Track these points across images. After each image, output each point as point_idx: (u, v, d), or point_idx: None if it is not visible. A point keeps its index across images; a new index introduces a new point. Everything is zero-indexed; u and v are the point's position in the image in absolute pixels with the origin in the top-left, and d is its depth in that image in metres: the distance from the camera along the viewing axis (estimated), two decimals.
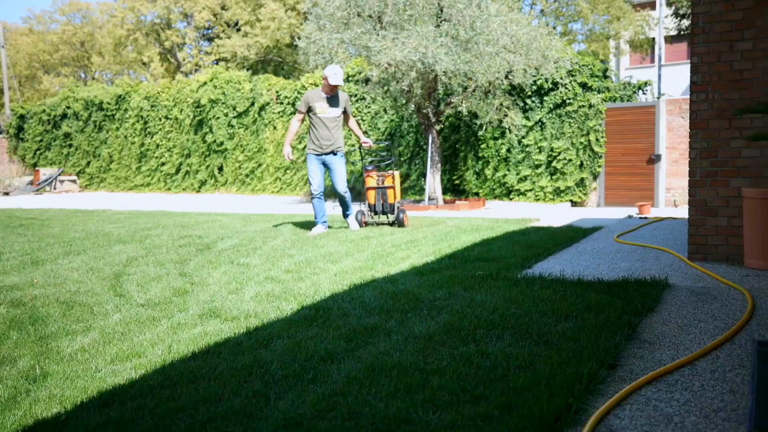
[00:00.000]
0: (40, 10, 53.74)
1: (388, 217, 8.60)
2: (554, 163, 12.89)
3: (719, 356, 2.96)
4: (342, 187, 7.68)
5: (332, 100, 7.56)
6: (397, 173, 8.31)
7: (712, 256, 5.41)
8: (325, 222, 7.67)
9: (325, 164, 7.63)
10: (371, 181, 8.33)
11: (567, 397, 2.40)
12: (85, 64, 40.97)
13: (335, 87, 7.49)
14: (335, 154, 7.58)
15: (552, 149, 12.97)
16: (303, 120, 7.69)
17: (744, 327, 3.40)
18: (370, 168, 8.29)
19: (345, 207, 7.89)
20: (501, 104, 12.26)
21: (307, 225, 8.82)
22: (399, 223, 8.16)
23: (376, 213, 8.43)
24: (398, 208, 8.30)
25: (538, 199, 13.10)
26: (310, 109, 7.51)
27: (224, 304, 4.20)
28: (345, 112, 7.71)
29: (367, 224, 8.37)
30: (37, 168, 21.11)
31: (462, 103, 11.76)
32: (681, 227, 7.93)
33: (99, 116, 20.14)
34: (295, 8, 29.40)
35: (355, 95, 15.48)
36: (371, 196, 8.39)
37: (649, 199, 12.14)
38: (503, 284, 4.49)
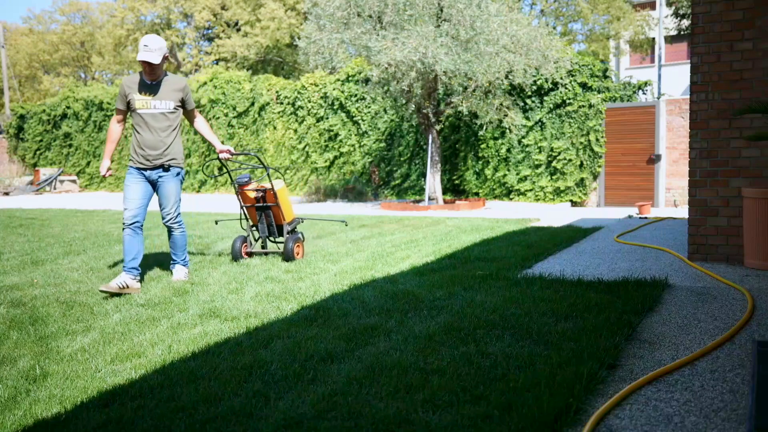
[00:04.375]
0: (40, 10, 53.74)
1: (276, 244, 6.45)
2: (554, 163, 12.89)
3: (719, 356, 2.95)
4: (172, 216, 5.07)
5: (158, 87, 4.98)
6: (282, 185, 6.04)
7: (712, 256, 5.41)
8: (134, 269, 4.79)
9: (152, 184, 5.05)
10: (249, 197, 6.06)
11: (567, 397, 2.40)
12: (85, 64, 40.97)
13: (154, 68, 4.89)
14: (167, 170, 5.01)
15: (552, 149, 12.97)
16: (124, 120, 5.13)
17: (744, 327, 3.40)
18: (245, 179, 6.02)
19: (175, 247, 5.19)
20: (501, 104, 12.26)
21: (309, 225, 8.80)
22: (287, 255, 5.79)
23: (260, 239, 6.25)
24: (289, 232, 6.07)
25: (538, 199, 13.10)
26: (129, 104, 4.99)
27: (224, 304, 4.21)
28: (184, 108, 5.17)
29: (250, 255, 6.10)
30: (37, 168, 21.11)
31: (462, 103, 11.76)
32: (681, 227, 7.93)
33: (99, 116, 20.14)
34: (295, 8, 29.40)
35: (355, 95, 15.48)
36: (253, 216, 6.18)
37: (649, 199, 12.14)
38: (503, 284, 4.49)
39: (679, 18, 25.22)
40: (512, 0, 12.09)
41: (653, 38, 28.80)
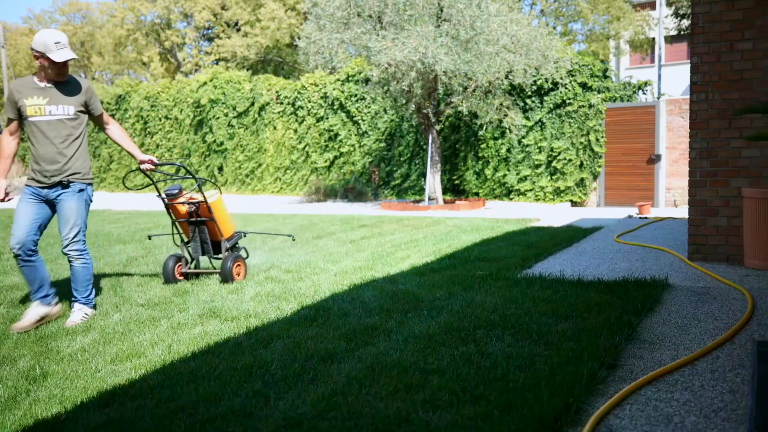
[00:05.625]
0: (40, 10, 53.74)
1: (212, 264, 5.67)
2: (554, 163, 12.89)
3: (719, 356, 2.95)
4: (70, 241, 4.12)
5: (56, 90, 4.09)
6: (217, 197, 5.23)
7: (712, 256, 5.41)
8: (47, 296, 4.05)
9: (50, 204, 4.20)
10: (181, 210, 5.21)
11: (567, 397, 2.40)
12: (85, 64, 40.97)
13: (60, 67, 4.03)
14: (67, 186, 4.14)
15: (552, 149, 12.97)
16: (18, 131, 4.20)
17: (744, 327, 3.40)
18: (175, 191, 5.19)
19: (75, 281, 4.13)
20: (501, 104, 12.26)
21: (309, 226, 8.80)
22: (224, 276, 4.97)
23: (194, 258, 5.34)
24: (228, 250, 5.25)
25: (538, 199, 13.10)
26: (20, 112, 4.09)
27: (224, 304, 4.21)
28: (90, 113, 4.28)
29: (186, 276, 5.23)
30: None
31: (462, 103, 11.76)
32: (681, 227, 7.93)
33: None
34: (295, 8, 29.41)
35: (355, 95, 15.48)
36: (187, 231, 5.33)
37: (649, 199, 12.14)
38: (503, 284, 4.48)
39: (679, 18, 25.22)
40: (512, 0, 12.08)
41: (653, 38, 28.80)
